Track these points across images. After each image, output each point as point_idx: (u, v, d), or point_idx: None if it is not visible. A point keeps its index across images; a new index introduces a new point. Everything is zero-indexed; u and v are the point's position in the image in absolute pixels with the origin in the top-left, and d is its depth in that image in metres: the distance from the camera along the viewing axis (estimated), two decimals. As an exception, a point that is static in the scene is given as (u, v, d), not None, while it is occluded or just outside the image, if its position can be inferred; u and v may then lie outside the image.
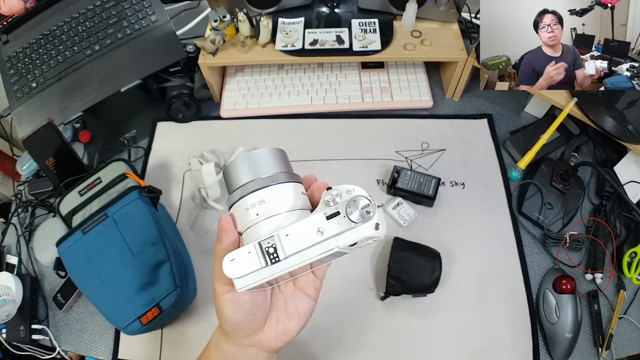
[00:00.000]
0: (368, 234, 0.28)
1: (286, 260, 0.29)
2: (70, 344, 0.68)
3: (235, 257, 0.30)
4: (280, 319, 0.38)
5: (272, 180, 0.33)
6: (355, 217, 0.28)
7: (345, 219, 0.28)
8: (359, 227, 0.28)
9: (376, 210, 0.29)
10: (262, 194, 0.32)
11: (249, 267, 0.30)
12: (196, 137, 0.85)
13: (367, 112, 0.86)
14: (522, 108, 0.87)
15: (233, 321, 0.35)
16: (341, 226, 0.28)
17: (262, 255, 0.30)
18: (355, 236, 0.28)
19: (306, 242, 0.29)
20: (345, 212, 0.28)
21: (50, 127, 0.69)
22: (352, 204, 0.28)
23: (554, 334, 0.63)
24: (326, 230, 0.29)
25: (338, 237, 0.29)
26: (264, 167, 0.33)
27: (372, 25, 0.83)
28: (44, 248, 0.70)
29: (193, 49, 0.80)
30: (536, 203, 0.73)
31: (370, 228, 0.28)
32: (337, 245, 0.29)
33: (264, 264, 0.30)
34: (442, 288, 0.65)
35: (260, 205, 0.32)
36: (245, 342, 0.37)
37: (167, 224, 0.69)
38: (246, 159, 0.34)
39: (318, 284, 0.38)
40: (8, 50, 0.82)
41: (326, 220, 0.29)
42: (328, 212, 0.29)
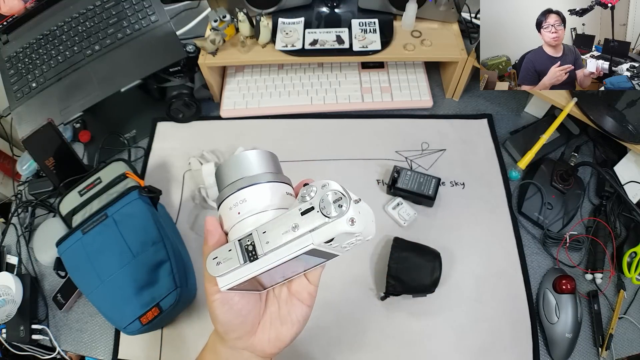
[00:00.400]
0: (342, 229, 0.27)
1: (264, 258, 0.29)
2: (70, 344, 0.68)
3: (217, 255, 0.31)
4: (274, 324, 0.37)
5: (254, 180, 0.33)
6: (327, 211, 0.27)
7: (318, 214, 0.28)
8: (333, 222, 0.27)
9: (351, 204, 0.28)
10: (244, 193, 0.33)
11: (229, 265, 0.30)
12: (196, 137, 0.85)
13: (367, 112, 0.86)
14: (522, 108, 0.87)
15: (222, 321, 0.35)
16: (315, 221, 0.28)
17: (242, 252, 0.30)
18: (329, 231, 0.27)
19: (282, 238, 0.28)
20: (318, 206, 0.28)
21: (50, 127, 0.69)
22: (324, 199, 0.28)
23: (554, 334, 0.63)
24: (301, 226, 0.28)
25: (313, 233, 0.28)
26: (249, 168, 0.34)
27: (372, 25, 0.83)
28: (44, 248, 0.70)
29: (193, 49, 0.80)
30: (536, 203, 0.73)
31: (344, 223, 0.27)
32: (312, 241, 0.28)
33: (242, 262, 0.30)
34: (442, 288, 0.65)
35: (242, 204, 0.33)
36: (239, 345, 0.37)
37: (167, 224, 0.69)
38: (233, 161, 0.34)
39: (312, 289, 0.38)
40: (8, 50, 0.82)
41: (301, 215, 0.28)
42: (302, 208, 0.28)
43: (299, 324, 0.37)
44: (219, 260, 0.30)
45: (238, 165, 0.34)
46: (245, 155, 0.35)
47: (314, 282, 0.38)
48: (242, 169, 0.34)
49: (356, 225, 0.28)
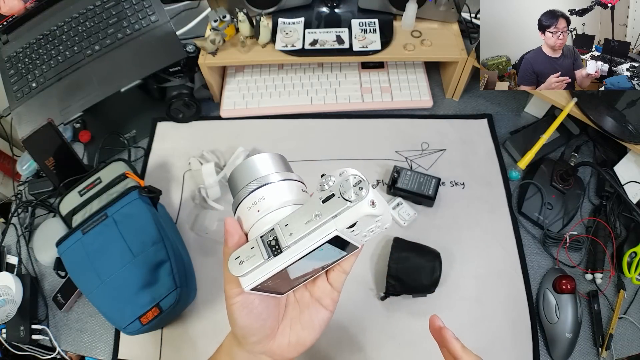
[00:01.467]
0: (365, 211, 0.28)
1: (288, 250, 0.29)
2: (70, 344, 0.68)
3: (239, 255, 0.30)
4: (294, 328, 0.37)
5: (271, 179, 0.34)
6: (348, 195, 0.28)
7: (340, 199, 0.28)
8: (355, 206, 0.28)
9: (370, 187, 0.28)
10: (262, 192, 0.33)
11: (253, 263, 0.30)
12: (196, 137, 0.85)
13: (367, 112, 0.86)
14: (522, 108, 0.87)
15: (242, 325, 0.35)
16: (337, 207, 0.28)
17: (265, 248, 0.30)
18: (352, 215, 0.28)
19: (305, 228, 0.29)
20: (339, 192, 0.28)
21: (50, 127, 0.69)
22: (344, 184, 0.28)
23: (554, 334, 0.63)
24: (323, 213, 0.28)
25: (336, 219, 0.28)
26: (264, 169, 0.35)
27: (372, 25, 0.83)
28: (44, 248, 0.70)
29: (193, 49, 0.80)
30: (536, 203, 0.73)
31: (366, 205, 0.28)
32: (335, 227, 0.28)
33: (267, 257, 0.29)
34: (442, 288, 0.65)
35: (260, 202, 0.33)
36: (257, 349, 0.37)
37: (167, 224, 0.69)
38: (246, 164, 0.35)
39: (335, 295, 0.38)
40: (8, 50, 0.82)
41: (322, 203, 0.29)
42: (323, 196, 0.29)
43: (320, 328, 0.37)
44: (241, 260, 0.30)
45: (252, 167, 0.35)
46: (259, 158, 0.35)
47: (337, 288, 0.38)
48: (256, 171, 0.34)
49: (377, 207, 0.28)
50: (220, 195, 0.76)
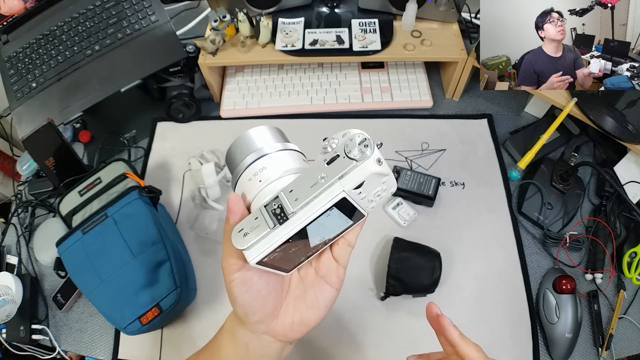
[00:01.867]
0: (372, 169, 0.27)
1: (295, 217, 0.28)
2: (70, 344, 0.68)
3: (243, 227, 0.29)
4: (298, 308, 0.36)
5: (270, 149, 0.33)
6: (354, 154, 0.27)
7: (345, 159, 0.27)
8: (362, 164, 0.27)
9: (375, 146, 0.27)
10: (263, 162, 0.32)
11: (258, 233, 0.28)
12: (196, 137, 0.85)
13: (367, 112, 0.86)
14: (522, 108, 0.87)
15: (242, 303, 0.34)
16: (343, 167, 0.27)
17: (270, 217, 0.28)
18: (359, 174, 0.27)
19: (311, 192, 0.27)
20: (344, 152, 0.27)
21: (50, 127, 0.69)
22: (349, 143, 0.27)
23: (554, 334, 0.63)
24: (329, 174, 0.27)
25: (342, 179, 0.27)
26: (262, 141, 0.34)
27: (372, 25, 0.83)
28: (44, 248, 0.70)
29: (193, 49, 0.80)
30: (536, 203, 0.73)
31: (373, 162, 0.27)
32: (343, 188, 0.27)
33: (272, 225, 0.28)
34: (442, 288, 0.65)
35: (262, 172, 0.32)
36: (260, 329, 0.36)
37: (167, 224, 0.69)
38: (243, 137, 0.34)
39: (341, 271, 0.36)
40: (8, 50, 0.82)
41: (327, 165, 0.28)
42: (327, 158, 0.28)
43: (325, 308, 0.36)
44: (245, 232, 0.29)
45: (249, 140, 0.34)
46: (254, 131, 0.34)
47: (343, 263, 0.36)
48: (254, 143, 0.33)
49: (383, 165, 0.27)
50: (220, 195, 0.76)
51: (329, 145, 0.29)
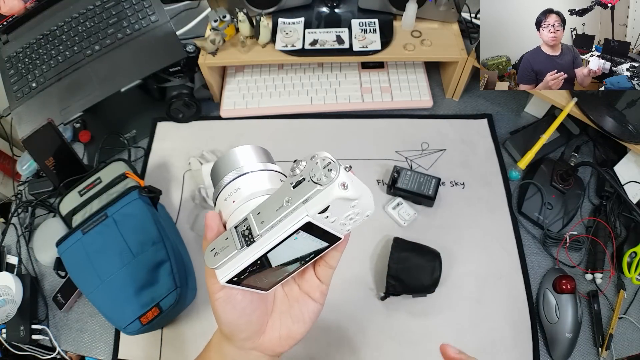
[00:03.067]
0: (335, 193, 0.26)
1: (261, 239, 0.28)
2: (70, 344, 0.68)
3: (214, 247, 0.30)
4: (284, 322, 0.37)
5: (248, 169, 0.34)
6: (317, 177, 0.27)
7: (310, 183, 0.27)
8: (325, 189, 0.26)
9: (341, 170, 0.27)
10: (238, 182, 0.33)
11: (226, 254, 0.29)
12: (196, 137, 0.85)
13: (367, 112, 0.86)
14: (522, 108, 0.87)
15: (227, 321, 0.34)
16: (307, 191, 0.27)
17: (239, 238, 0.29)
18: (323, 199, 0.26)
19: (276, 215, 0.27)
20: (309, 176, 0.27)
21: (50, 127, 0.69)
22: (314, 167, 0.27)
23: (554, 334, 0.63)
24: (293, 198, 0.27)
25: (306, 204, 0.27)
26: (242, 161, 0.34)
27: (372, 25, 0.83)
28: (44, 248, 0.70)
29: (193, 49, 0.80)
30: (536, 203, 0.73)
31: (337, 187, 0.26)
32: (307, 212, 0.27)
33: (240, 247, 0.29)
34: (442, 288, 0.65)
35: (236, 193, 0.33)
36: (247, 346, 0.36)
37: (167, 224, 0.69)
38: (225, 157, 0.35)
39: (324, 288, 0.37)
40: (8, 50, 0.82)
41: (292, 189, 0.27)
42: (294, 181, 0.28)
43: (310, 321, 0.37)
44: (216, 251, 0.29)
45: (230, 160, 0.35)
46: (238, 150, 0.35)
47: (326, 282, 0.37)
48: (234, 163, 0.34)
49: (349, 190, 0.27)
50: (220, 195, 0.76)
51: (297, 167, 0.28)
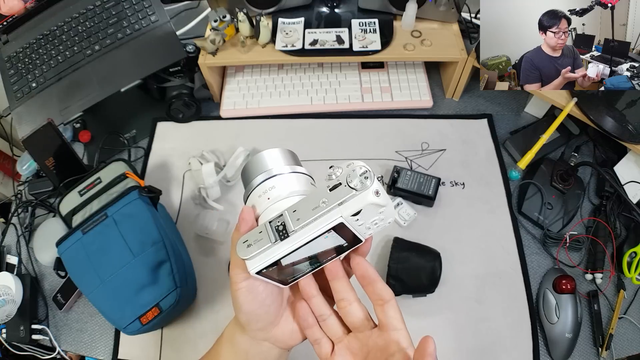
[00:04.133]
0: (369, 199, 0.29)
1: (295, 234, 0.30)
2: (70, 344, 0.68)
3: (247, 239, 0.32)
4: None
5: (282, 170, 0.36)
6: (354, 184, 0.30)
7: (346, 187, 0.30)
8: (361, 194, 0.29)
9: (375, 178, 0.30)
10: (274, 181, 0.35)
11: (260, 246, 0.31)
12: (196, 137, 0.85)
13: (367, 112, 0.86)
14: (522, 108, 0.87)
15: (247, 310, 0.35)
16: (343, 194, 0.30)
17: (273, 232, 0.31)
18: (358, 203, 0.29)
19: (312, 214, 0.30)
20: (345, 181, 0.30)
21: (50, 127, 0.69)
22: (351, 174, 0.30)
23: (554, 334, 0.63)
24: (329, 200, 0.30)
25: (341, 206, 0.30)
26: (276, 162, 0.37)
27: (372, 25, 0.83)
28: (44, 248, 0.70)
29: (193, 49, 0.80)
30: (536, 203, 0.73)
31: (372, 194, 0.29)
32: (341, 214, 0.30)
33: (274, 240, 0.31)
34: (442, 288, 0.65)
35: (272, 191, 0.35)
36: (260, 336, 0.37)
37: (167, 224, 0.69)
38: (260, 156, 0.37)
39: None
40: (8, 50, 0.82)
41: (329, 192, 0.30)
42: (330, 185, 0.30)
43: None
44: (249, 243, 0.31)
45: (265, 160, 0.37)
46: (271, 152, 0.38)
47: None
48: (269, 163, 0.37)
49: (381, 197, 0.30)
50: (220, 195, 0.76)
51: (334, 173, 0.31)
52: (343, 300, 0.35)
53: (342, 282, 0.36)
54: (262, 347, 0.38)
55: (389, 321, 0.34)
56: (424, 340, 0.31)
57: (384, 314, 0.34)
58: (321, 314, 0.37)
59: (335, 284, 0.36)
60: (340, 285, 0.36)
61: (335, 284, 0.36)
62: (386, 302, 0.34)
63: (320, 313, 0.37)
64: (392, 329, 0.34)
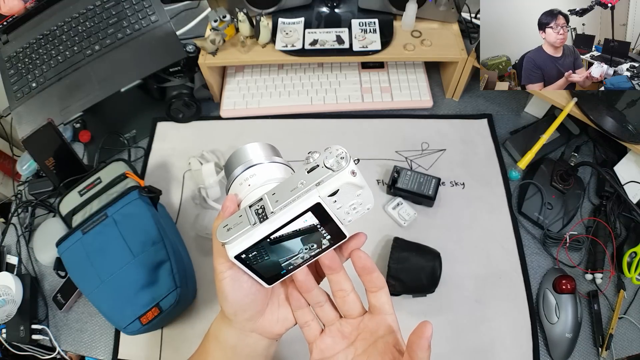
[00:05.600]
0: (345, 178, 0.30)
1: (274, 216, 0.31)
2: (70, 344, 0.68)
3: (227, 223, 0.32)
4: (282, 304, 0.39)
5: (263, 160, 0.39)
6: (330, 164, 0.30)
7: (323, 169, 0.31)
8: (337, 174, 0.30)
9: (351, 160, 0.31)
10: (254, 170, 0.38)
11: (239, 229, 0.31)
12: (196, 137, 0.85)
13: (367, 112, 0.86)
14: (522, 108, 0.87)
15: (233, 300, 0.35)
16: (320, 175, 0.31)
17: (252, 215, 0.32)
18: (334, 182, 0.30)
19: (290, 195, 0.31)
20: (322, 163, 0.31)
21: (50, 127, 0.69)
22: (328, 156, 0.31)
23: (554, 334, 0.63)
24: (307, 181, 0.31)
25: (319, 186, 0.30)
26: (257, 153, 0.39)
27: (372, 25, 0.83)
28: (44, 248, 0.70)
29: (193, 49, 0.80)
30: (536, 203, 0.73)
31: (347, 173, 0.30)
32: (319, 194, 0.30)
33: (253, 222, 0.31)
34: (442, 288, 0.65)
35: (252, 178, 0.37)
36: (247, 327, 0.38)
37: (167, 224, 0.69)
38: (242, 149, 0.40)
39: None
40: (8, 50, 0.82)
41: (307, 174, 0.31)
42: (308, 167, 0.31)
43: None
44: (229, 227, 0.32)
45: (247, 152, 0.39)
46: (252, 145, 0.40)
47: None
48: (250, 154, 0.39)
49: (357, 177, 0.31)
50: (220, 195, 0.76)
51: (311, 156, 0.32)
52: (341, 290, 0.36)
53: (340, 275, 0.36)
54: (250, 339, 0.38)
55: (381, 306, 0.35)
56: (422, 324, 0.32)
57: (376, 299, 0.35)
58: (318, 301, 0.37)
59: (334, 277, 0.36)
60: (339, 277, 0.36)
61: (334, 277, 0.36)
62: (380, 289, 0.35)
63: (317, 301, 0.37)
64: (384, 312, 0.35)
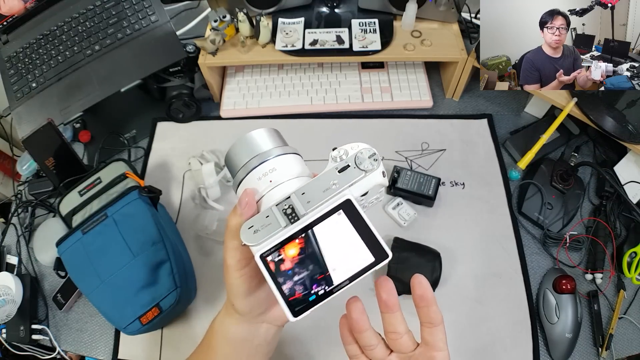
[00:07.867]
0: (377, 180, 0.31)
1: (305, 217, 0.30)
2: (70, 344, 0.68)
3: (253, 224, 0.30)
4: None
5: (281, 151, 0.35)
6: (364, 166, 0.31)
7: (356, 169, 0.31)
8: (370, 175, 0.31)
9: (381, 160, 0.32)
10: (274, 163, 0.34)
11: (269, 230, 0.30)
12: (196, 137, 0.85)
13: (367, 112, 0.86)
14: (522, 108, 0.87)
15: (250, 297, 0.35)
16: (353, 176, 0.31)
17: (282, 216, 0.30)
18: (366, 184, 0.31)
19: (323, 196, 0.30)
20: (354, 163, 0.31)
21: (50, 127, 0.69)
22: (359, 156, 0.32)
23: (554, 334, 0.63)
24: (340, 181, 0.31)
25: (352, 187, 0.31)
26: (268, 142, 0.36)
27: (372, 25, 0.83)
28: (44, 248, 0.70)
29: (193, 49, 0.80)
30: (536, 203, 0.73)
31: (379, 174, 0.31)
32: (351, 195, 0.30)
33: (284, 225, 0.30)
34: (442, 288, 0.65)
35: (272, 173, 0.34)
36: (259, 319, 0.37)
37: (167, 224, 0.69)
38: (249, 137, 0.36)
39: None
40: (8, 50, 0.82)
41: (338, 173, 0.31)
42: (339, 167, 0.31)
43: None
44: (256, 229, 0.30)
45: (255, 141, 0.36)
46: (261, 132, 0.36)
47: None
48: (261, 144, 0.35)
49: (385, 178, 0.32)
50: (220, 195, 0.76)
51: (339, 156, 0.32)
52: (395, 333, 0.34)
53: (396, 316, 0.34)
54: (261, 329, 0.38)
55: (435, 343, 0.34)
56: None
57: (432, 336, 0.34)
58: (370, 345, 0.35)
59: (389, 317, 0.34)
60: (394, 318, 0.34)
61: (389, 317, 0.34)
62: (436, 326, 0.34)
63: (369, 344, 0.35)
64: (437, 349, 0.34)
